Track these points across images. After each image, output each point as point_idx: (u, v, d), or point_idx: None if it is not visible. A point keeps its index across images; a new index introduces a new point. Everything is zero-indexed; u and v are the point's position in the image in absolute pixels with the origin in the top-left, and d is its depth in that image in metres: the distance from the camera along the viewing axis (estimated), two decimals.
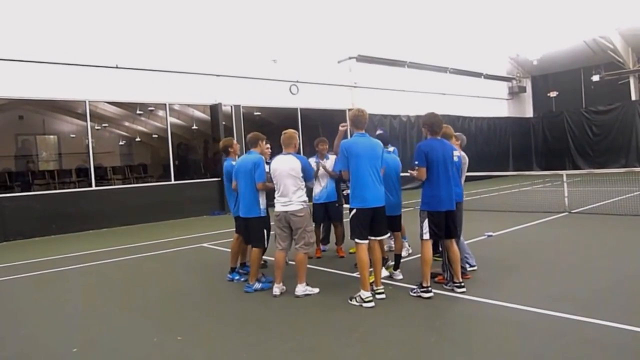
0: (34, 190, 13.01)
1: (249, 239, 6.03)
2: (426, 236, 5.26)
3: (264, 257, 6.69)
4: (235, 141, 6.87)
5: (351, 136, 5.35)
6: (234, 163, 6.22)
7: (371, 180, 5.10)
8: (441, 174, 5.20)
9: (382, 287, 5.27)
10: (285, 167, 5.47)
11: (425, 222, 5.26)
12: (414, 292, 5.25)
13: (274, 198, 5.65)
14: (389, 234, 5.98)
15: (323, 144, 7.33)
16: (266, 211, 5.90)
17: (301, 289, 5.49)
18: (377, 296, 5.17)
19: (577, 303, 4.78)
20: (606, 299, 4.92)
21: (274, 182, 5.58)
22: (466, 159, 6.05)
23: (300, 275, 5.51)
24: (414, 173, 5.32)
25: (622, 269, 6.05)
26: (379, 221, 5.24)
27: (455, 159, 5.69)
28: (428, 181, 5.25)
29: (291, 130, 5.72)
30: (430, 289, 5.17)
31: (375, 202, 5.13)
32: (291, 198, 5.45)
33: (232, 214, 6.49)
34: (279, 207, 5.52)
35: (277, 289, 5.56)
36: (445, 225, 5.29)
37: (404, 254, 7.20)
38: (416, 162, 5.23)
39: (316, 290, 5.57)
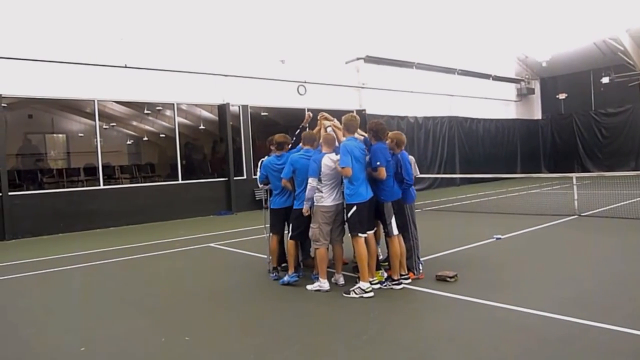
0: (42, 189, 13.08)
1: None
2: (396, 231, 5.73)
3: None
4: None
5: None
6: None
7: (363, 178, 5.62)
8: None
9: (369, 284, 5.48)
10: None
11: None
12: (385, 285, 5.64)
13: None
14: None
15: None
16: None
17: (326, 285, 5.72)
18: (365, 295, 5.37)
19: (588, 307, 4.73)
20: (617, 303, 4.86)
21: (322, 176, 5.66)
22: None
23: (339, 267, 5.96)
24: (375, 174, 5.64)
25: (634, 273, 5.98)
26: (371, 213, 5.68)
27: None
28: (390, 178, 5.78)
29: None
30: (401, 281, 5.66)
31: (368, 195, 5.62)
32: (341, 192, 5.81)
33: (274, 205, 6.38)
34: (330, 202, 5.70)
35: (326, 284, 5.68)
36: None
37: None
38: (378, 163, 5.58)
39: (327, 287, 5.68)
